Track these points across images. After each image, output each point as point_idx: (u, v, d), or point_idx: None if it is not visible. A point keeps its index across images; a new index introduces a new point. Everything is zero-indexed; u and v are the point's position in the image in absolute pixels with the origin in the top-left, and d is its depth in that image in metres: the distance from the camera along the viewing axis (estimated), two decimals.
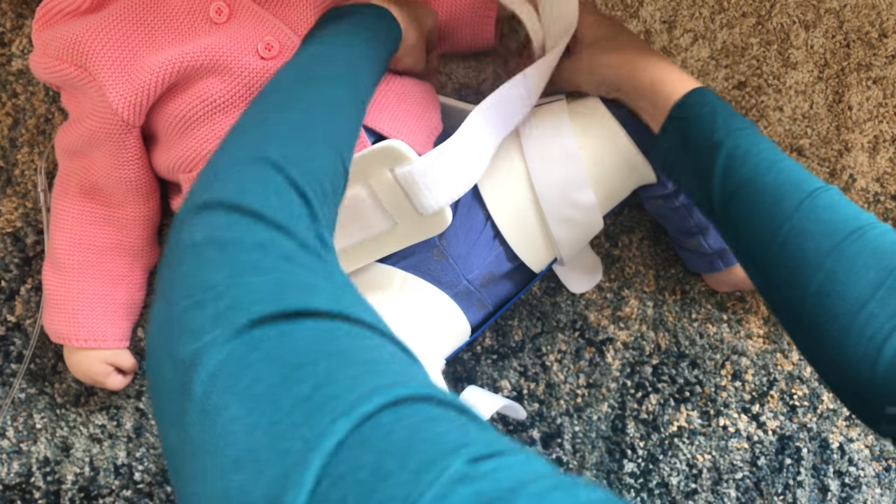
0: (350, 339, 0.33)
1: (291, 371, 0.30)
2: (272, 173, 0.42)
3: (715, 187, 0.56)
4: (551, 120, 0.68)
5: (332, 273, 0.39)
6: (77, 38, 0.60)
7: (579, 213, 0.67)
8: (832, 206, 0.51)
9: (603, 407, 0.77)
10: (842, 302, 0.48)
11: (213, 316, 0.33)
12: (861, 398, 0.48)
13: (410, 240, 0.64)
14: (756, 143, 0.55)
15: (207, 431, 0.30)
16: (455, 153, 0.59)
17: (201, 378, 0.31)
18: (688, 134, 0.58)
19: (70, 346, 0.70)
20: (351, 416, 0.28)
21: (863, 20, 0.79)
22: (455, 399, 0.31)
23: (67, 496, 0.75)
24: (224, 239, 0.38)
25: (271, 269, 0.36)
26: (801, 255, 0.50)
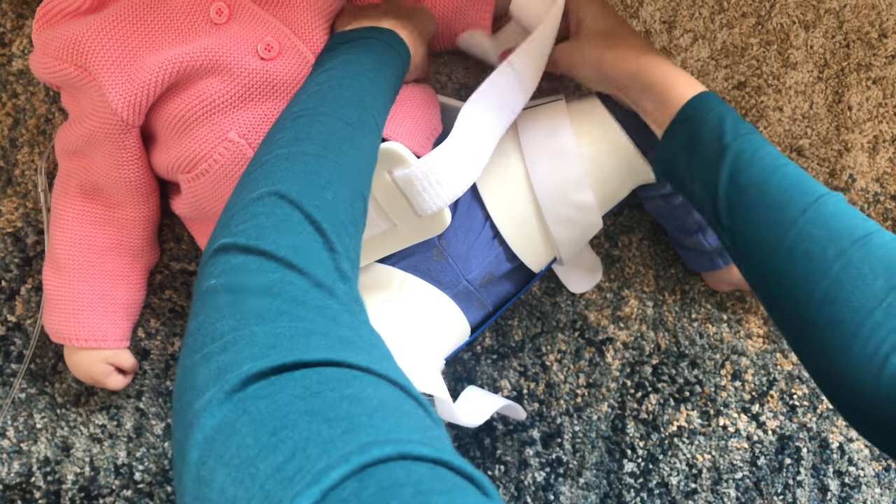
0: (334, 391, 0.33)
1: (270, 436, 0.31)
2: (287, 209, 0.42)
3: (721, 191, 0.56)
4: (550, 120, 0.68)
5: (340, 312, 0.39)
6: (77, 38, 0.60)
7: (578, 212, 0.67)
8: (838, 212, 0.51)
9: (603, 407, 0.77)
10: (847, 310, 0.47)
11: (214, 372, 0.35)
12: (861, 411, 0.47)
13: (409, 241, 0.64)
14: (761, 148, 0.55)
15: (200, 501, 0.31)
16: (452, 155, 0.59)
17: (197, 441, 0.33)
18: (695, 137, 0.58)
19: (70, 346, 0.70)
20: (312, 491, 0.28)
21: (862, 20, 0.79)
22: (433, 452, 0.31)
23: (68, 496, 0.75)
24: (235, 284, 0.39)
25: (276, 316, 0.37)
26: (807, 261, 0.50)
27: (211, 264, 0.41)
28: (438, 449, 0.31)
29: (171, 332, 0.76)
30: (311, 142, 0.48)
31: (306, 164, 0.46)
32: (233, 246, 0.41)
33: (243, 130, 0.62)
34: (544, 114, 0.69)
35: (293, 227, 0.42)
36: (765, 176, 0.54)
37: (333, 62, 0.57)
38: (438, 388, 0.64)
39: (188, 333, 0.39)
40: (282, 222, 0.42)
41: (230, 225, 0.42)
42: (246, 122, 0.62)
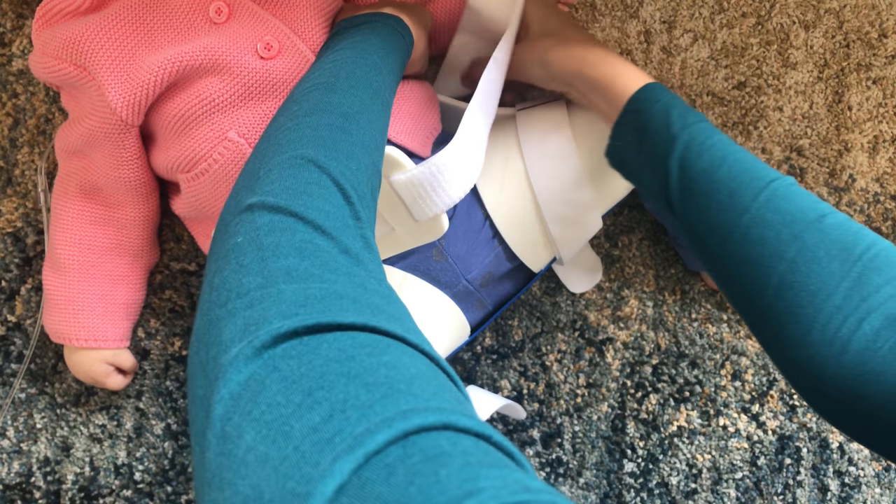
0: (372, 356, 0.32)
1: (305, 397, 0.30)
2: (316, 173, 0.42)
3: (672, 180, 0.55)
4: (550, 120, 0.68)
5: (369, 279, 0.38)
6: (76, 37, 0.60)
7: (578, 212, 0.67)
8: (791, 195, 0.51)
9: (603, 407, 0.77)
10: (805, 294, 0.47)
11: (241, 327, 0.33)
12: (824, 394, 0.46)
13: (407, 245, 0.64)
14: (710, 136, 0.55)
15: (224, 458, 0.30)
16: (450, 161, 0.59)
17: (223, 396, 0.31)
18: (643, 128, 0.58)
19: (70, 346, 0.70)
20: (354, 455, 0.27)
21: (862, 20, 0.79)
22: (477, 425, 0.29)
23: (68, 496, 0.75)
24: (264, 242, 0.38)
25: (304, 277, 0.36)
26: (762, 247, 0.49)
27: (236, 223, 0.40)
28: (480, 423, 0.30)
29: (171, 332, 0.76)
30: (331, 113, 0.47)
31: (331, 133, 0.45)
32: (260, 205, 0.40)
33: (243, 130, 0.62)
34: (544, 114, 0.69)
35: (322, 191, 0.41)
36: (715, 163, 0.53)
37: (342, 44, 0.57)
38: None
39: (210, 287, 0.38)
40: (310, 186, 0.41)
41: (256, 185, 0.42)
42: (246, 121, 0.62)
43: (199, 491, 0.31)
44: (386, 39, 0.58)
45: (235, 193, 0.43)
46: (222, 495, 0.29)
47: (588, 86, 0.62)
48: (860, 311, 0.45)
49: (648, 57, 0.79)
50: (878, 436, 0.45)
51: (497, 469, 0.27)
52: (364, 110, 0.49)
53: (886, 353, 0.43)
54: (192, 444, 0.33)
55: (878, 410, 0.43)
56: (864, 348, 0.44)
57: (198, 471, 0.32)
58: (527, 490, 0.27)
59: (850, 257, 0.47)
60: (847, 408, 0.45)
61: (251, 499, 0.28)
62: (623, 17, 0.79)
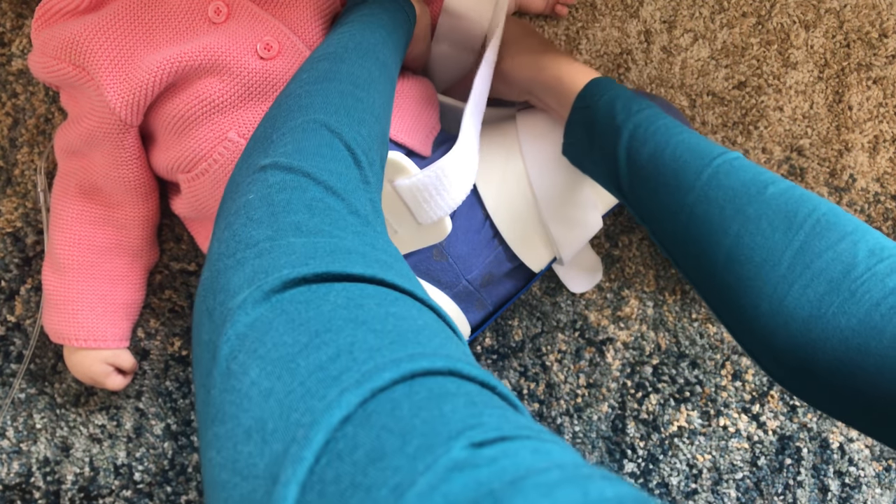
0: (380, 306, 0.32)
1: (312, 338, 0.30)
2: (329, 136, 0.43)
3: (621, 169, 0.56)
4: (550, 120, 0.68)
5: (377, 239, 0.39)
6: (75, 37, 0.60)
7: (578, 212, 0.67)
8: (733, 170, 0.51)
9: (603, 407, 0.77)
10: (750, 266, 0.47)
11: (249, 275, 0.34)
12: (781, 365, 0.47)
13: (410, 247, 0.64)
14: (655, 121, 0.55)
15: (228, 393, 0.30)
16: (454, 166, 0.59)
17: (229, 337, 0.32)
18: (591, 122, 0.59)
19: (70, 346, 0.70)
20: (361, 389, 0.27)
21: (863, 20, 0.79)
22: (482, 374, 0.30)
23: (67, 496, 0.75)
24: (275, 199, 0.38)
25: (314, 232, 0.36)
26: (708, 224, 0.50)
27: (249, 182, 0.41)
28: (485, 373, 0.30)
29: (170, 332, 0.76)
30: (341, 81, 0.48)
31: (343, 99, 0.46)
32: (273, 165, 0.41)
33: (243, 130, 0.62)
34: (544, 114, 0.69)
35: (334, 153, 0.42)
36: (659, 147, 0.54)
37: (351, 17, 0.58)
38: None
39: (219, 240, 0.38)
40: (323, 148, 0.42)
41: (269, 148, 0.42)
42: (246, 121, 0.62)
43: (202, 431, 0.31)
44: (392, 14, 0.59)
45: (247, 156, 0.43)
46: (224, 428, 0.29)
47: (544, 89, 0.64)
48: (804, 277, 0.45)
49: (649, 57, 0.79)
50: (836, 402, 0.45)
51: (500, 410, 0.28)
52: (372, 80, 0.50)
53: (830, 319, 0.44)
54: (196, 389, 0.33)
55: (829, 375, 0.44)
56: (809, 315, 0.44)
57: (201, 413, 0.32)
58: (528, 428, 0.27)
59: (793, 225, 0.47)
60: (800, 375, 0.46)
61: (254, 430, 0.28)
62: (623, 16, 0.78)
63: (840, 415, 0.46)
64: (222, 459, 0.28)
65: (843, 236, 0.46)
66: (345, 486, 0.25)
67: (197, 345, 0.34)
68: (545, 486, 0.23)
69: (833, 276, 0.45)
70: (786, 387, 0.49)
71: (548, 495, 0.23)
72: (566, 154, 0.63)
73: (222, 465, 0.28)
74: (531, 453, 0.25)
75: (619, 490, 0.24)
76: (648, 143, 0.54)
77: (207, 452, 0.30)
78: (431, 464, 0.25)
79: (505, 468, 0.24)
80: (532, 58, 0.65)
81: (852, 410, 0.44)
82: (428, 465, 0.25)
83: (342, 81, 0.48)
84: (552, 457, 0.26)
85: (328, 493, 0.25)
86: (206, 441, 0.30)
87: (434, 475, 0.24)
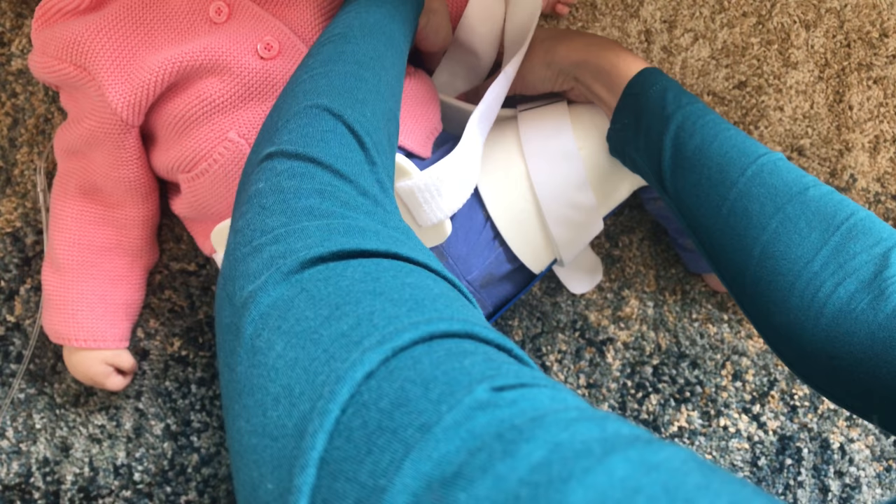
0: (397, 278, 0.33)
1: (333, 310, 0.31)
2: (331, 121, 0.43)
3: (665, 158, 0.57)
4: (552, 121, 0.68)
5: (388, 217, 0.39)
6: (76, 37, 0.60)
7: (579, 214, 0.67)
8: (777, 170, 0.53)
9: (603, 407, 0.77)
10: (785, 262, 0.49)
11: (267, 259, 0.35)
12: (804, 358, 0.48)
13: None
14: (703, 116, 0.57)
15: (255, 368, 0.31)
16: (454, 168, 0.60)
17: (252, 317, 0.33)
18: (641, 109, 0.60)
19: (69, 346, 0.70)
20: (383, 349, 0.28)
21: (863, 20, 0.79)
22: (499, 338, 0.31)
23: (67, 496, 0.74)
24: (285, 186, 0.39)
25: (327, 214, 0.37)
26: (747, 219, 0.51)
27: (257, 172, 0.41)
28: (502, 336, 0.31)
29: (170, 332, 0.76)
30: (344, 62, 0.48)
31: (345, 81, 0.47)
32: (279, 153, 0.41)
33: (243, 130, 0.61)
34: (546, 115, 0.69)
35: (338, 137, 0.42)
36: (706, 141, 0.55)
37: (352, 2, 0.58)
38: None
39: (234, 232, 0.39)
40: (327, 133, 0.42)
41: (275, 136, 0.43)
42: (246, 121, 0.62)
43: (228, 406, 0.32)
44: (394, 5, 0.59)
45: (256, 147, 0.44)
46: (253, 399, 0.30)
47: (592, 75, 0.64)
48: (836, 276, 0.47)
49: (649, 56, 0.79)
50: (855, 396, 0.47)
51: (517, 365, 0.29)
52: (378, 57, 0.50)
53: (859, 314, 0.45)
54: (221, 371, 0.34)
55: (854, 369, 0.45)
56: (839, 310, 0.46)
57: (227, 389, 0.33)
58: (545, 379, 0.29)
59: (830, 227, 0.49)
60: (824, 369, 0.47)
61: (282, 396, 0.29)
62: (623, 16, 0.78)
63: (861, 410, 0.48)
64: (252, 427, 0.30)
65: (879, 241, 0.48)
66: (372, 430, 0.26)
67: (220, 329, 0.35)
68: (564, 422, 0.25)
69: (865, 276, 0.46)
70: (809, 382, 0.50)
71: (567, 428, 0.24)
72: (609, 139, 0.65)
73: (252, 432, 0.30)
74: (549, 398, 0.27)
75: (634, 430, 0.25)
76: (696, 135, 0.56)
77: (236, 423, 0.31)
78: (455, 404, 0.26)
79: (525, 409, 0.26)
80: (585, 43, 0.66)
81: (874, 405, 0.46)
82: (451, 406, 0.26)
83: (346, 62, 0.48)
84: (569, 401, 0.27)
85: (355, 437, 0.26)
86: (233, 413, 0.31)
87: (459, 412, 0.25)
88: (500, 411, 0.25)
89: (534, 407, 0.26)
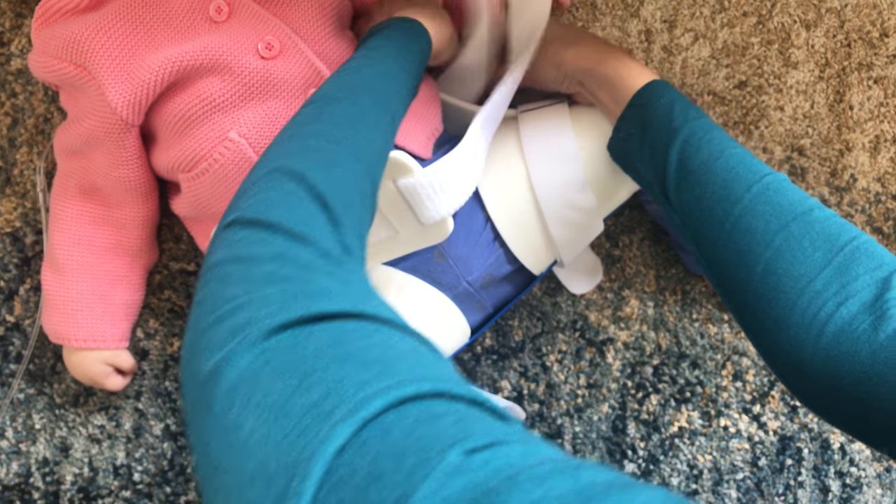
0: (362, 339, 0.33)
1: (302, 380, 0.31)
2: (291, 184, 0.43)
3: (670, 170, 0.58)
4: (552, 122, 0.68)
5: (350, 277, 0.39)
6: (76, 36, 0.60)
7: (579, 215, 0.67)
8: (782, 189, 0.53)
9: (603, 407, 0.77)
10: (787, 279, 0.49)
11: (230, 329, 0.34)
12: (803, 376, 0.48)
13: (411, 248, 0.64)
14: (710, 131, 0.58)
15: (228, 446, 0.31)
16: (457, 166, 0.59)
17: (221, 391, 0.32)
18: (647, 120, 0.60)
19: (69, 346, 0.70)
20: (354, 420, 0.28)
21: (864, 20, 0.79)
22: (469, 392, 0.31)
23: (66, 497, 0.74)
24: (243, 254, 0.39)
25: (287, 279, 0.37)
26: (751, 235, 0.52)
27: (217, 241, 0.41)
28: (474, 390, 0.31)
29: (170, 332, 0.76)
30: (321, 122, 0.48)
31: (317, 142, 0.46)
32: (238, 220, 0.41)
33: (244, 130, 0.61)
34: (546, 116, 0.68)
35: (298, 200, 0.42)
36: (713, 156, 0.56)
37: (355, 55, 0.58)
38: None
39: (196, 304, 0.39)
40: (287, 196, 0.42)
41: (238, 203, 0.43)
42: (247, 121, 0.62)
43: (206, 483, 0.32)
44: (399, 44, 0.58)
45: (225, 213, 0.44)
46: (229, 477, 0.30)
47: (598, 82, 0.65)
48: (839, 296, 0.47)
49: (649, 56, 0.78)
50: (852, 417, 0.47)
51: (489, 421, 0.29)
52: (359, 115, 0.50)
53: (860, 335, 0.45)
54: (193, 446, 0.34)
55: (853, 388, 0.45)
56: (840, 330, 0.46)
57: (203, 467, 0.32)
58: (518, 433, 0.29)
59: (833, 248, 0.49)
60: (823, 388, 0.47)
61: (257, 475, 0.29)
62: (624, 16, 0.78)
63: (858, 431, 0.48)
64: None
65: (881, 265, 0.48)
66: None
67: (188, 403, 0.35)
68: (539, 478, 0.25)
69: (867, 298, 0.47)
70: (806, 401, 0.50)
71: (542, 484, 0.24)
72: (611, 147, 0.65)
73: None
74: (521, 455, 0.27)
75: (609, 476, 0.25)
76: (702, 149, 0.56)
77: (214, 502, 0.31)
78: (428, 473, 0.26)
79: (499, 469, 0.26)
80: (594, 49, 0.66)
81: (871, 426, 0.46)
82: (425, 475, 0.26)
83: (323, 123, 0.48)
84: (542, 454, 0.27)
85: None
86: (211, 491, 0.31)
87: (433, 482, 0.25)
88: (474, 475, 0.26)
89: (508, 465, 0.26)
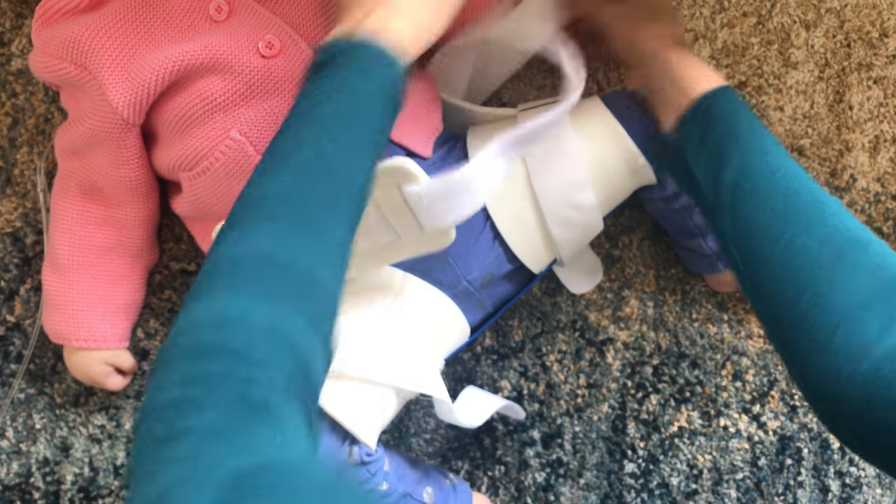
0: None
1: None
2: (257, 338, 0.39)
3: (727, 176, 0.57)
4: None
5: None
6: (77, 36, 0.60)
7: (579, 214, 0.67)
8: (838, 213, 0.53)
9: (603, 407, 0.77)
10: (834, 303, 0.49)
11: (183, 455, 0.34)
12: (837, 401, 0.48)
13: (412, 253, 0.63)
14: (773, 145, 0.58)
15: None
16: (466, 179, 0.57)
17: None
18: (710, 124, 0.60)
19: (70, 346, 0.70)
20: None
21: (863, 20, 0.79)
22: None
23: (67, 496, 0.74)
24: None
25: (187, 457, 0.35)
26: (804, 256, 0.51)
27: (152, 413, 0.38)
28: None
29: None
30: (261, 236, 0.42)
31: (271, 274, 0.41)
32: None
33: (245, 129, 0.61)
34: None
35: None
36: (772, 169, 0.56)
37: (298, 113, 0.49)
38: (438, 389, 0.63)
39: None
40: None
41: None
42: (248, 120, 0.62)
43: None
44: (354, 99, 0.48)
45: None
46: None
47: (663, 70, 0.65)
48: (884, 323, 0.47)
49: None
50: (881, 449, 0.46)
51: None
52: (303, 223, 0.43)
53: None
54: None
55: (886, 417, 0.44)
56: (884, 356, 0.45)
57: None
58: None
59: (885, 277, 0.49)
60: (855, 413, 0.46)
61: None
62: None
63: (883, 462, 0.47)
64: None
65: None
66: None
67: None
68: None
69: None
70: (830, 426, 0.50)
71: None
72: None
73: None
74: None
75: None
76: (763, 160, 0.57)
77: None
78: None
79: None
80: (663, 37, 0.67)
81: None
82: None
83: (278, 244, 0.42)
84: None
85: None
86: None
87: None
88: None
89: None
